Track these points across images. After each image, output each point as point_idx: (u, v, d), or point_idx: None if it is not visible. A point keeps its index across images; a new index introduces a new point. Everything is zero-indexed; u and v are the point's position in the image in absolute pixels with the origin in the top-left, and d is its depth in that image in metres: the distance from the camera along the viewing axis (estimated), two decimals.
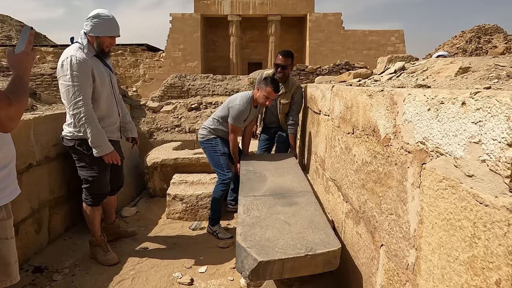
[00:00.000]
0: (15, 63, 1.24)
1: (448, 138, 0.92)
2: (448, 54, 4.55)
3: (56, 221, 2.81)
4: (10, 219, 1.31)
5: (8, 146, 1.31)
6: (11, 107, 1.13)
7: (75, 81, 2.12)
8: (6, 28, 28.34)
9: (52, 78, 8.72)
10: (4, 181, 1.27)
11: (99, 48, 2.27)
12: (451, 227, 0.90)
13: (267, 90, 2.83)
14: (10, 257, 1.28)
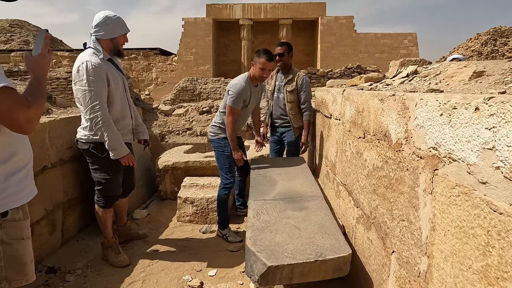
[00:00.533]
0: (33, 65, 1.27)
1: (461, 144, 0.90)
2: (463, 57, 4.48)
3: (70, 223, 2.86)
4: (27, 220, 1.33)
5: (26, 148, 1.33)
6: (30, 110, 1.15)
7: (92, 86, 2.16)
8: (24, 33, 29.11)
9: (68, 81, 8.90)
10: (22, 182, 1.29)
11: (115, 49, 2.32)
12: (464, 234, 0.88)
13: (261, 61, 2.76)
14: (26, 257, 1.30)
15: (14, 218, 1.25)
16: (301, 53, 20.56)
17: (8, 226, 1.23)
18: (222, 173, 2.97)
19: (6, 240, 1.22)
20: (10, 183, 1.23)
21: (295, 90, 3.31)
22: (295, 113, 3.35)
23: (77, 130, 2.43)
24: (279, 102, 3.43)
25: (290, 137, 3.44)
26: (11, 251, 1.23)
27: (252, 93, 2.92)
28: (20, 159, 1.28)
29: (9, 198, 1.23)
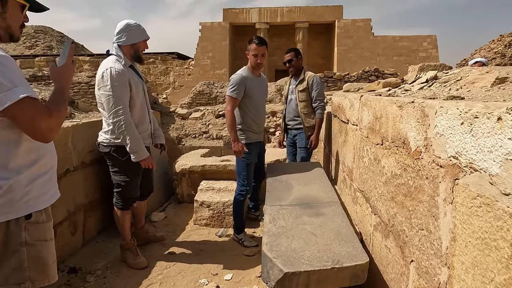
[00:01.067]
0: (57, 75, 1.32)
1: (483, 154, 0.89)
2: (486, 61, 4.35)
3: (90, 224, 2.94)
4: (50, 222, 1.36)
5: (50, 153, 1.37)
6: (51, 119, 1.19)
7: (115, 91, 2.23)
8: (47, 39, 30.12)
9: (89, 86, 9.16)
10: (46, 186, 1.33)
11: (136, 55, 2.40)
12: (486, 246, 0.87)
13: (252, 47, 2.80)
14: (48, 258, 1.33)
15: (38, 220, 1.28)
16: (317, 56, 20.48)
17: (32, 228, 1.26)
18: (239, 179, 2.97)
19: (30, 241, 1.25)
20: (33, 187, 1.27)
21: (306, 89, 3.37)
22: (307, 112, 3.39)
23: (98, 134, 2.51)
24: (292, 103, 3.48)
25: (301, 140, 3.47)
26: (35, 252, 1.27)
27: (255, 83, 2.87)
28: (44, 163, 1.32)
29: (32, 202, 1.26)
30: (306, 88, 3.36)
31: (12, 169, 1.21)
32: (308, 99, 3.36)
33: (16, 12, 1.25)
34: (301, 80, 3.41)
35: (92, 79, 9.29)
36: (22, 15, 1.28)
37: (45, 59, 19.70)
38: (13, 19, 1.25)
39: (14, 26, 1.26)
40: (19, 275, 1.24)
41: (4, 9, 1.21)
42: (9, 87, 1.10)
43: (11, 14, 1.24)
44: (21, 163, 1.23)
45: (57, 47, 29.53)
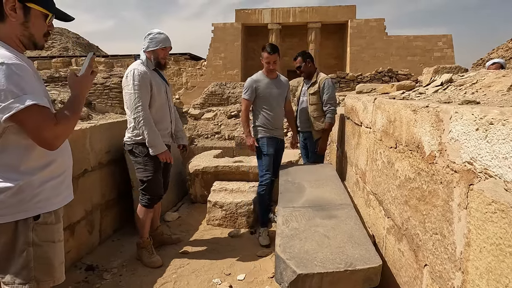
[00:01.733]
0: (74, 84, 1.36)
1: (498, 160, 0.89)
2: (504, 62, 4.26)
3: (106, 223, 3.01)
4: (59, 223, 1.38)
5: (64, 157, 1.40)
6: (57, 127, 1.21)
7: (136, 90, 2.41)
8: (64, 40, 30.76)
9: (104, 87, 9.35)
10: (57, 188, 1.36)
11: (155, 60, 2.54)
12: (501, 252, 0.87)
13: (264, 55, 3.07)
14: (55, 260, 1.34)
15: (46, 221, 1.31)
16: (330, 56, 20.36)
17: (40, 229, 1.28)
18: (259, 171, 3.19)
19: (37, 242, 1.27)
20: (44, 189, 1.29)
21: (317, 93, 3.36)
22: (317, 115, 3.38)
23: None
24: (304, 106, 3.49)
25: (311, 143, 3.50)
26: (41, 252, 1.29)
27: (267, 84, 3.14)
28: (57, 167, 1.35)
29: (42, 203, 1.29)
30: (317, 91, 3.36)
31: (24, 172, 1.24)
32: (319, 102, 3.36)
33: (39, 21, 1.29)
34: (313, 82, 3.42)
35: (107, 80, 9.48)
36: (45, 24, 1.32)
37: (62, 60, 20.13)
38: (36, 28, 1.29)
39: (38, 35, 1.31)
40: (25, 274, 1.26)
41: (27, 19, 1.26)
42: (18, 94, 1.13)
43: (34, 23, 1.28)
44: (33, 166, 1.26)
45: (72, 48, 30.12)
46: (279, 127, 3.25)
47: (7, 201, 1.22)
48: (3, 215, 1.22)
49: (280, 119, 3.25)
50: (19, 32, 1.26)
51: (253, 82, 3.14)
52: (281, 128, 3.29)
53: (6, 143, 1.21)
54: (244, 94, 3.16)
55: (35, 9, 1.26)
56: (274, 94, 3.16)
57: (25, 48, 1.31)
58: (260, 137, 3.17)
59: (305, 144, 3.60)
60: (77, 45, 31.61)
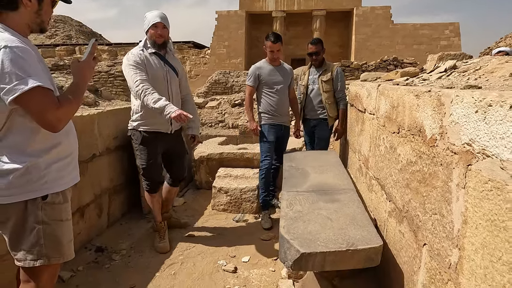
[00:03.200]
0: (75, 70, 1.39)
1: (495, 140, 0.93)
2: (510, 50, 4.24)
3: (115, 207, 3.09)
4: (66, 203, 1.42)
5: (68, 141, 1.44)
6: (59, 110, 1.24)
7: (131, 68, 2.34)
8: (67, 28, 30.65)
9: (108, 75, 9.38)
10: (64, 170, 1.40)
11: (151, 41, 2.46)
12: (495, 228, 0.92)
13: (268, 44, 3.12)
14: (62, 237, 1.40)
15: (54, 201, 1.36)
16: (335, 45, 20.17)
17: (48, 208, 1.34)
18: (260, 156, 3.28)
19: (46, 220, 1.33)
20: (51, 170, 1.34)
21: (330, 80, 3.42)
22: (331, 102, 3.45)
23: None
24: (314, 94, 3.50)
25: (320, 130, 3.53)
26: (50, 230, 1.35)
27: (270, 71, 3.20)
28: (63, 148, 1.39)
29: (49, 184, 1.34)
30: (331, 78, 3.41)
31: (30, 153, 1.28)
32: (332, 89, 3.43)
33: (48, 8, 1.35)
34: (325, 70, 3.45)
35: (111, 68, 9.50)
36: (52, 9, 1.37)
37: (65, 49, 20.13)
38: (46, 15, 1.35)
39: (47, 21, 1.36)
40: (37, 251, 1.33)
41: (40, 7, 1.31)
42: (22, 76, 1.16)
43: (46, 11, 1.33)
44: (39, 148, 1.30)
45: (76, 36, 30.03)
46: (283, 113, 3.28)
47: (15, 182, 1.27)
48: (12, 194, 1.27)
49: (284, 106, 3.29)
50: (31, 20, 1.31)
51: (256, 69, 3.21)
52: (285, 114, 3.33)
53: (12, 125, 1.25)
54: (248, 80, 3.25)
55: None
56: (277, 81, 3.20)
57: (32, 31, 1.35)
58: (263, 123, 3.24)
59: (312, 132, 3.62)
60: (80, 33, 31.50)
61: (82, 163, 2.59)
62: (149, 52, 2.46)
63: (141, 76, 2.33)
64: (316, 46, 3.42)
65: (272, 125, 3.22)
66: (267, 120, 3.22)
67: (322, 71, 3.46)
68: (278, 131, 3.27)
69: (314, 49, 3.42)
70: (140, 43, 2.49)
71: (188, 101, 2.76)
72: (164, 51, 2.54)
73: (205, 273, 2.36)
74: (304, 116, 3.63)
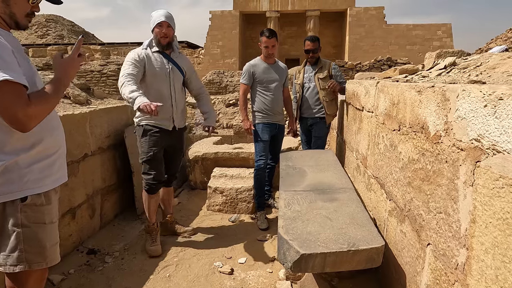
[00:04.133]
0: (57, 65, 1.30)
1: (507, 135, 0.89)
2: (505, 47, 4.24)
3: (107, 208, 3.01)
4: (49, 205, 1.33)
5: (53, 138, 1.35)
6: (29, 107, 1.14)
7: (126, 65, 2.38)
8: (58, 28, 30.31)
9: (101, 74, 9.25)
10: (46, 170, 1.31)
11: (156, 40, 2.46)
12: (508, 226, 0.88)
13: (262, 40, 3.06)
14: (45, 241, 1.31)
15: (35, 203, 1.27)
16: (329, 45, 20.22)
17: (28, 210, 1.26)
18: (254, 156, 3.24)
19: (26, 223, 1.25)
20: (31, 170, 1.26)
21: (327, 77, 3.39)
22: (329, 99, 3.41)
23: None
24: (310, 92, 3.46)
25: (317, 129, 3.49)
26: (31, 234, 1.26)
27: (264, 69, 3.14)
28: (45, 148, 1.30)
29: (30, 184, 1.25)
30: (327, 76, 3.38)
31: (9, 152, 1.20)
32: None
33: (21, 1, 1.24)
34: (320, 67, 3.42)
35: (104, 68, 9.37)
36: (28, 4, 1.26)
37: (57, 48, 19.87)
38: (18, 7, 1.24)
39: (19, 14, 1.25)
40: (16, 256, 1.25)
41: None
42: None
43: (16, 2, 1.23)
44: (18, 146, 1.22)
45: (68, 36, 29.70)
46: (277, 112, 3.23)
47: None
48: None
49: (278, 104, 3.23)
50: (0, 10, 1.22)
51: (250, 67, 3.16)
52: (280, 113, 3.27)
53: None
54: (242, 78, 3.18)
55: None
56: (271, 79, 3.15)
57: (8, 26, 1.26)
58: (257, 123, 3.18)
59: (308, 131, 3.58)
60: (72, 33, 31.18)
61: (74, 162, 2.52)
62: (154, 50, 2.48)
63: (131, 71, 2.33)
64: (314, 43, 3.38)
65: (267, 124, 3.16)
66: (261, 119, 3.16)
67: (318, 69, 3.42)
68: (273, 130, 3.22)
69: (311, 46, 3.38)
70: (145, 42, 2.50)
71: (202, 98, 2.80)
72: (170, 50, 2.55)
73: (201, 275, 2.30)
74: (300, 115, 3.58)
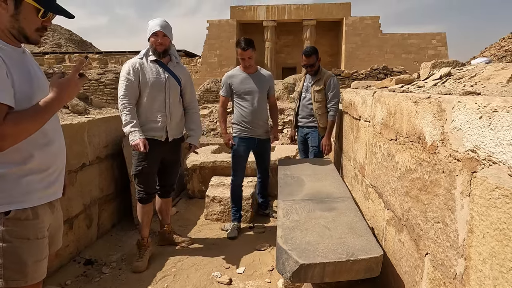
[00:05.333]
0: (54, 85, 1.25)
1: (502, 146, 0.91)
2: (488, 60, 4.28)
3: (105, 218, 3.00)
4: (36, 220, 1.27)
5: (45, 154, 1.30)
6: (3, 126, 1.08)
7: (122, 79, 2.44)
8: (56, 37, 30.39)
9: (99, 83, 9.27)
10: (35, 185, 1.27)
11: (152, 49, 2.47)
12: (505, 237, 0.89)
13: (238, 51, 2.93)
14: (28, 258, 1.24)
15: (19, 217, 1.22)
16: (325, 54, 20.40)
17: (11, 225, 1.20)
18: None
19: (7, 238, 1.19)
20: (18, 185, 1.22)
21: (322, 90, 3.31)
22: (322, 113, 3.35)
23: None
24: (306, 102, 3.46)
25: (313, 138, 3.45)
26: (11, 249, 1.20)
27: (243, 79, 3.01)
28: (38, 163, 1.26)
29: (13, 199, 1.21)
30: (323, 88, 3.30)
31: None
32: (324, 99, 3.31)
33: (31, 16, 1.22)
34: (318, 79, 3.35)
35: (101, 76, 9.39)
36: (38, 18, 1.24)
37: (55, 57, 19.92)
38: (27, 22, 1.22)
39: (29, 29, 1.23)
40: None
41: (17, 11, 1.19)
42: None
43: (26, 17, 1.21)
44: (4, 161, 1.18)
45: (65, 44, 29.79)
46: (257, 125, 3.03)
47: None
48: None
49: (259, 117, 3.03)
50: (9, 24, 1.20)
51: (228, 78, 3.05)
52: (261, 126, 3.07)
53: None
54: (220, 90, 3.13)
55: (27, 2, 1.20)
56: (249, 89, 2.99)
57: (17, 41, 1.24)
58: (234, 136, 3.06)
59: (304, 140, 3.58)
60: (70, 42, 31.28)
61: (71, 172, 2.51)
62: (150, 59, 2.48)
63: (124, 90, 2.41)
64: (309, 58, 3.27)
65: (243, 139, 3.04)
66: (238, 133, 3.04)
67: (316, 80, 3.36)
68: (251, 145, 3.07)
69: (306, 61, 3.29)
70: (142, 51, 2.52)
71: (190, 114, 2.70)
72: (167, 59, 2.54)
73: (199, 286, 2.28)
74: (297, 123, 3.60)
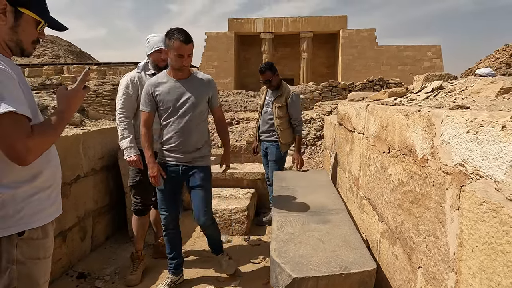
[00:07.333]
0: (61, 98, 1.27)
1: (488, 161, 0.92)
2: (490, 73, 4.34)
3: (99, 230, 2.98)
4: (46, 238, 1.27)
5: (51, 170, 1.30)
6: (29, 139, 1.10)
7: (119, 93, 2.50)
8: (55, 48, 30.58)
9: (96, 94, 9.29)
10: (43, 203, 1.26)
11: (153, 64, 2.53)
12: (493, 251, 0.89)
13: (175, 45, 2.04)
14: (39, 278, 1.25)
15: (32, 237, 1.21)
16: (322, 65, 20.62)
17: (24, 246, 1.20)
18: None
19: (21, 259, 1.18)
20: (29, 204, 1.21)
21: (284, 107, 3.29)
22: (283, 129, 3.32)
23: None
24: (267, 116, 3.42)
25: (271, 153, 3.41)
26: (26, 271, 1.20)
27: (172, 88, 2.19)
28: (44, 180, 1.26)
29: (26, 219, 1.20)
30: (285, 105, 3.27)
31: (6, 185, 1.16)
32: (286, 115, 3.30)
33: (29, 28, 1.22)
34: (280, 95, 3.30)
35: (99, 88, 9.43)
36: (36, 31, 1.24)
37: (53, 68, 20.00)
38: (26, 34, 1.22)
39: (26, 41, 1.23)
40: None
41: (17, 23, 1.18)
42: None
43: (24, 29, 1.21)
44: (17, 179, 1.18)
45: (64, 55, 29.95)
46: (191, 147, 2.24)
47: None
48: None
49: (192, 136, 2.24)
50: (7, 37, 1.19)
51: (151, 86, 2.19)
52: (197, 148, 2.27)
53: None
54: (141, 104, 2.25)
55: (27, 15, 1.19)
56: (181, 101, 2.18)
57: (12, 53, 1.24)
58: (159, 162, 2.28)
59: (266, 154, 3.50)
60: (69, 53, 31.46)
61: (66, 184, 2.50)
62: (149, 73, 2.52)
63: (122, 103, 2.46)
64: (264, 75, 3.24)
65: (169, 166, 2.27)
66: (163, 158, 2.28)
67: (277, 96, 3.30)
68: (177, 176, 2.28)
69: (262, 78, 3.29)
70: (140, 64, 2.56)
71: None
72: None
73: None
74: (259, 137, 3.56)
